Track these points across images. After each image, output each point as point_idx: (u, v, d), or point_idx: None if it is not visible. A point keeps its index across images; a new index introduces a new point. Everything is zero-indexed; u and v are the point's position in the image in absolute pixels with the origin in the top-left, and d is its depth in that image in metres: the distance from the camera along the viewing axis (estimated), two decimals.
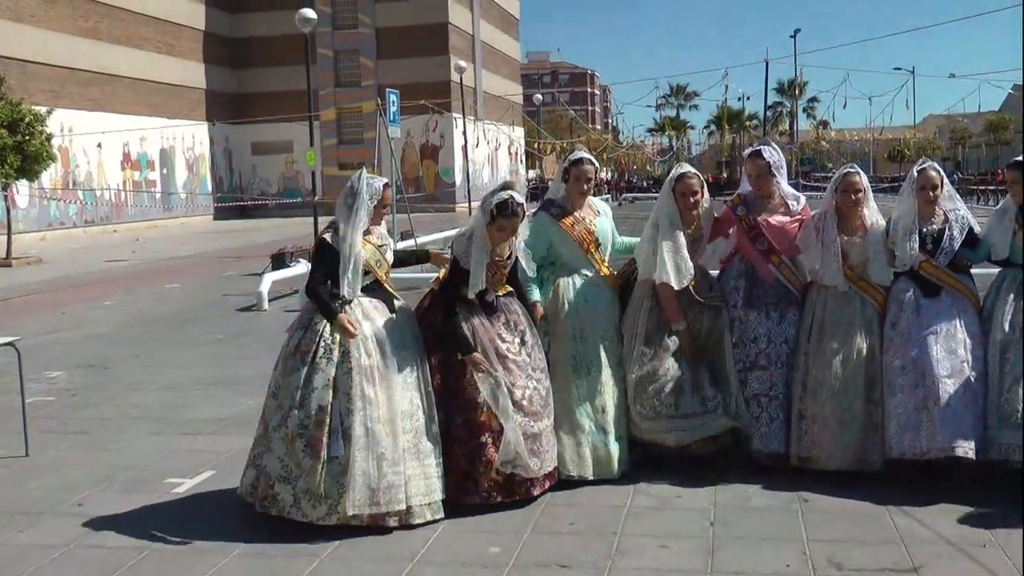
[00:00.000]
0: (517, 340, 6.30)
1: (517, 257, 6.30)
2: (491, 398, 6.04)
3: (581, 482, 6.48)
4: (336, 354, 5.89)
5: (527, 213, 6.30)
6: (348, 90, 54.36)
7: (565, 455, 6.47)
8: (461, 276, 6.11)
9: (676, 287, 6.61)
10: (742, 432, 6.72)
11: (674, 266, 6.60)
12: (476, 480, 6.06)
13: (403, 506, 5.83)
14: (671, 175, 7.03)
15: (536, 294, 6.61)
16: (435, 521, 5.94)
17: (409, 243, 19.23)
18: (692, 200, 6.75)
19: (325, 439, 5.78)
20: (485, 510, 6.10)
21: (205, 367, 11.55)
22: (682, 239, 6.68)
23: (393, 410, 5.87)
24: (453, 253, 6.26)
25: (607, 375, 6.64)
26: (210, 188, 52.45)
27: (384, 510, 5.80)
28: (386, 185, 6.22)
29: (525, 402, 6.16)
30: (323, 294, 5.98)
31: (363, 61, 54.79)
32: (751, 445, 6.74)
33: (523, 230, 6.28)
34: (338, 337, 5.92)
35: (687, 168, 6.94)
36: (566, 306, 6.65)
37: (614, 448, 6.58)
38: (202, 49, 52.96)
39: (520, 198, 6.18)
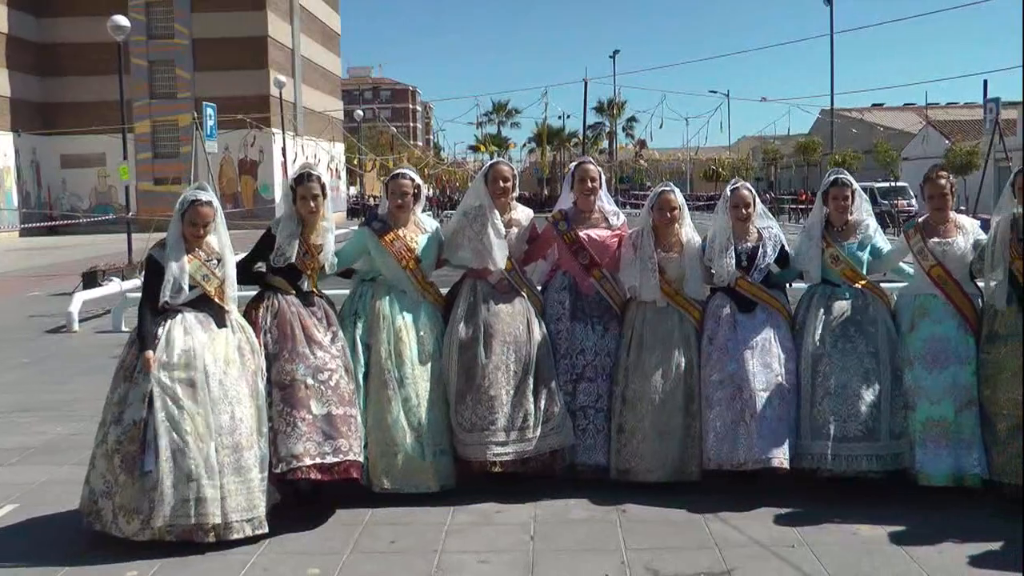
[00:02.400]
0: (329, 336, 6.39)
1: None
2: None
3: (402, 500, 6.42)
4: (154, 369, 5.79)
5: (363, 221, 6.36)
6: (163, 102, 52.85)
7: (379, 468, 6.45)
8: (268, 243, 6.43)
9: (491, 269, 6.76)
10: (564, 449, 6.79)
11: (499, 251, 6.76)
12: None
13: (219, 520, 5.74)
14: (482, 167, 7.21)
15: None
16: (256, 537, 5.84)
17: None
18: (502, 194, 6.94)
19: (140, 454, 5.68)
20: (306, 526, 6.06)
21: (9, 393, 10.89)
22: (500, 225, 6.83)
23: (212, 424, 5.78)
24: (270, 229, 6.48)
25: (424, 389, 6.62)
26: (16, 203, 49.99)
27: (198, 524, 5.70)
28: (199, 202, 6.06)
29: (333, 383, 6.22)
30: (146, 317, 5.95)
31: (179, 72, 53.40)
32: (575, 458, 6.83)
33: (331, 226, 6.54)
34: (158, 354, 5.84)
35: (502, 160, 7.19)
36: (383, 322, 6.63)
37: (433, 462, 6.55)
38: (5, 54, 50.51)
39: (317, 171, 6.48)
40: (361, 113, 73.42)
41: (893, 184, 50.27)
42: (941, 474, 6.47)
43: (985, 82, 48.26)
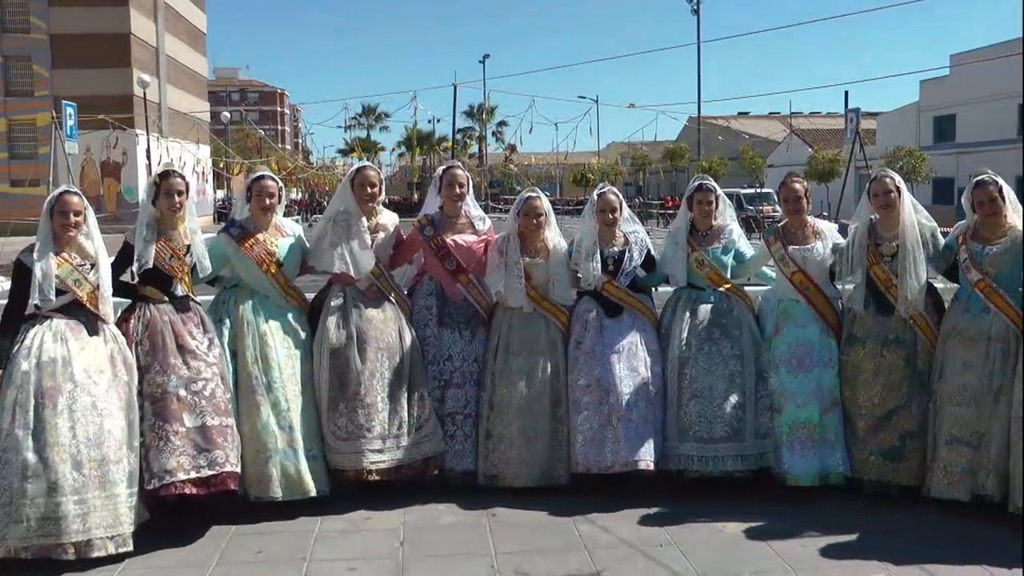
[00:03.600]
0: (205, 343, 6.23)
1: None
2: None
3: (270, 509, 6.30)
4: (18, 378, 5.58)
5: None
6: (20, 100, 51.09)
7: (252, 476, 6.31)
8: (128, 253, 6.24)
9: (354, 276, 6.70)
10: (437, 455, 6.77)
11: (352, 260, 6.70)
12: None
13: (80, 538, 5.53)
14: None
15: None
16: (120, 555, 5.65)
17: None
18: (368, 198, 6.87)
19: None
20: (172, 540, 5.89)
21: None
22: (366, 231, 6.78)
23: (79, 436, 5.58)
24: (127, 240, 6.29)
25: (294, 393, 6.51)
26: None
27: (57, 541, 5.48)
28: (67, 192, 5.95)
29: (207, 393, 6.06)
30: (7, 327, 5.81)
31: (37, 69, 51.64)
32: (444, 464, 6.81)
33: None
34: (21, 362, 5.63)
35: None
36: (247, 327, 6.51)
37: (306, 467, 6.42)
38: None
39: (182, 171, 6.34)
40: (228, 115, 72.20)
41: (758, 190, 51.54)
42: (808, 475, 6.65)
43: (846, 93, 50.29)
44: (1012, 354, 6.20)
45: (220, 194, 75.51)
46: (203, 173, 66.64)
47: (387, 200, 7.39)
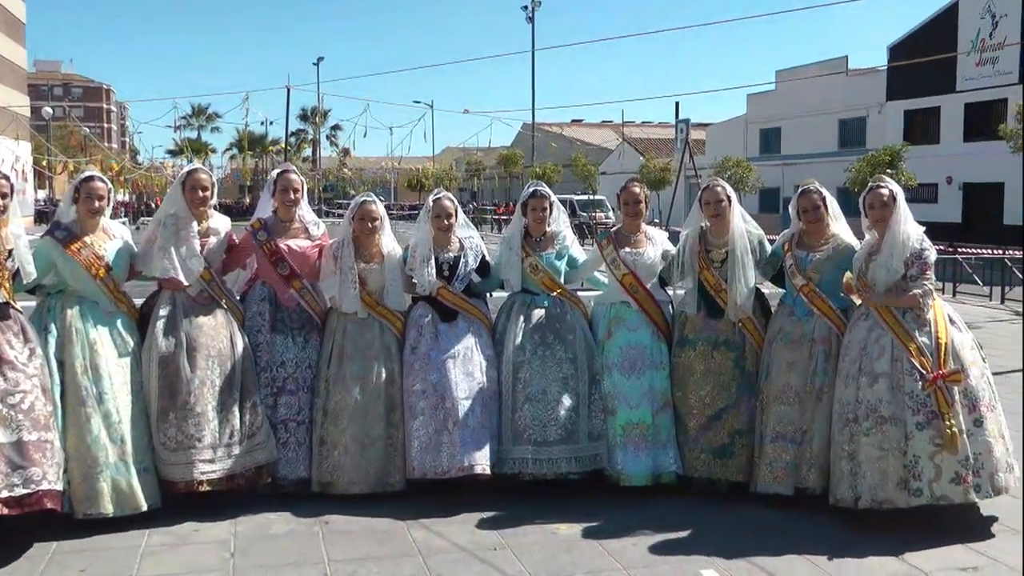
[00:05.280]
0: (26, 353, 5.92)
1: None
2: None
3: (94, 526, 6.05)
4: None
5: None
6: None
7: (80, 493, 6.05)
8: None
9: (184, 281, 6.52)
10: (269, 464, 6.64)
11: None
12: None
13: None
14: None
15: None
16: None
17: None
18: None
19: None
20: None
21: None
22: (196, 235, 6.61)
23: None
24: None
25: (125, 404, 6.28)
26: None
27: None
28: None
29: (25, 406, 5.76)
30: None
31: None
32: (276, 472, 6.69)
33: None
34: None
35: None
36: (76, 335, 6.24)
37: (137, 481, 6.21)
38: None
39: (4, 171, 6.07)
40: (50, 111, 69.43)
41: (591, 197, 52.42)
42: (641, 475, 6.78)
43: (677, 104, 51.50)
44: (833, 355, 6.50)
45: (42, 194, 72.58)
46: (23, 171, 63.89)
47: (219, 203, 7.21)
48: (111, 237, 6.55)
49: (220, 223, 6.87)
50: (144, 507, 6.20)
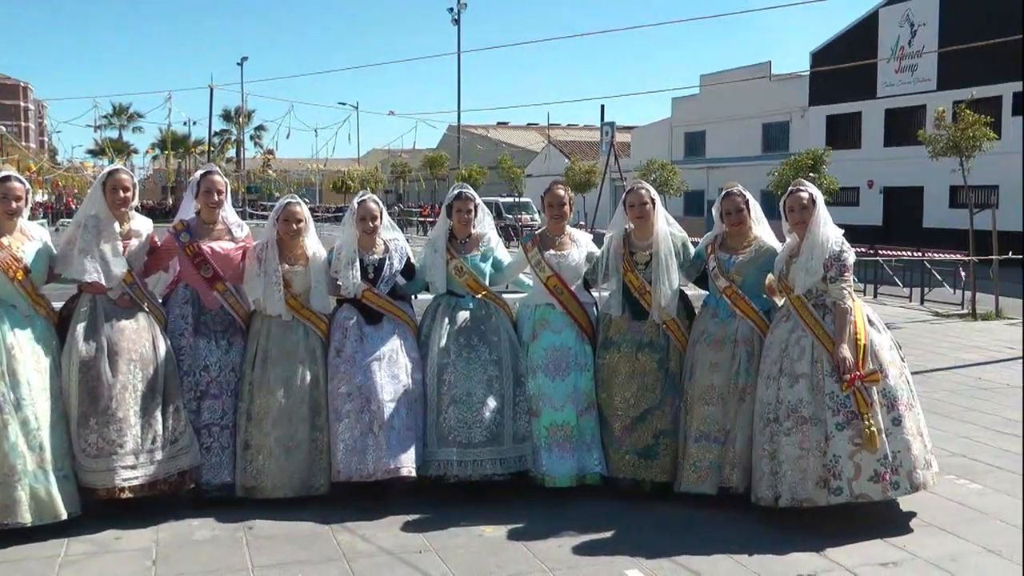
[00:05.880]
0: None
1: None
2: None
3: (9, 535, 5.92)
4: None
5: None
6: None
7: None
8: None
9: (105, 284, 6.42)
10: (192, 469, 6.56)
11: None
12: None
13: None
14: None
15: None
16: None
17: None
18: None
19: None
20: None
21: None
22: (117, 237, 6.51)
23: None
24: None
25: (44, 410, 6.14)
26: None
27: None
28: None
29: None
30: None
31: None
32: (200, 478, 6.61)
33: None
34: None
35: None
36: None
37: (57, 489, 6.07)
38: None
39: None
40: None
41: (517, 199, 52.48)
42: (566, 476, 6.81)
43: (602, 107, 51.62)
44: (756, 355, 6.59)
45: None
46: None
47: (140, 205, 7.10)
48: (30, 238, 6.41)
49: (142, 225, 6.77)
50: (64, 515, 6.07)
